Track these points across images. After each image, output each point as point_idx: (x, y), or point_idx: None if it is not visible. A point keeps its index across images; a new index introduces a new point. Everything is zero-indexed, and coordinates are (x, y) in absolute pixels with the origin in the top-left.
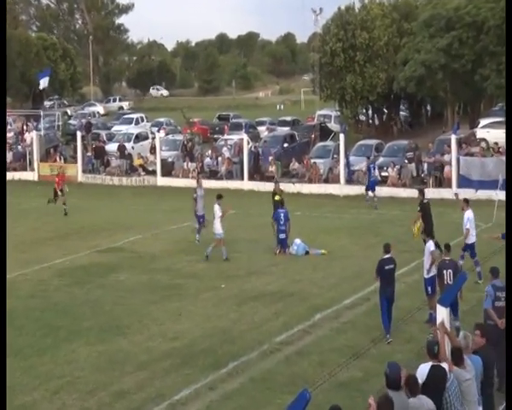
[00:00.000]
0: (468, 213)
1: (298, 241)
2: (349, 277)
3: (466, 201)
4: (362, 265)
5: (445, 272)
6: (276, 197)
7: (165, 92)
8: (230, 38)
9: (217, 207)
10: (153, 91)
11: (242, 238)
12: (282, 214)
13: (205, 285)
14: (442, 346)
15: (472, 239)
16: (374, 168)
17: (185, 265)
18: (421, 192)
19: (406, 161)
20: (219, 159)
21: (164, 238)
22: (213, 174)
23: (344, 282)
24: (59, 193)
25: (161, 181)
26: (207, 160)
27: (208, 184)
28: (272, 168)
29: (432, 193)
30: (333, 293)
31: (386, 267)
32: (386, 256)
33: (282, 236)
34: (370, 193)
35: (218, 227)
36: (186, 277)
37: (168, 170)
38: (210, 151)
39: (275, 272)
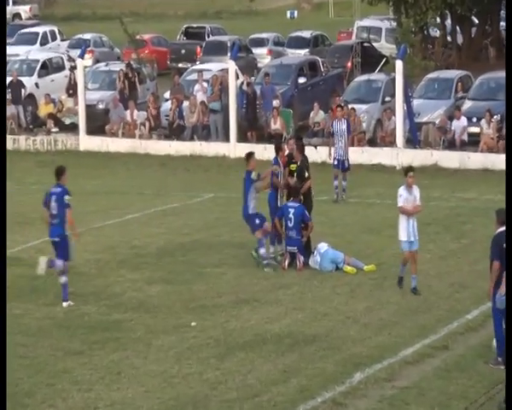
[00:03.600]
0: None
1: (323, 246)
2: (411, 309)
3: None
4: (434, 288)
5: None
6: (292, 166)
7: None
8: None
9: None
10: None
11: (226, 242)
12: (292, 211)
13: (162, 323)
14: None
15: None
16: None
17: (128, 287)
18: None
19: None
20: (186, 105)
21: (91, 242)
22: (177, 131)
23: (402, 317)
24: None
25: (86, 143)
26: (166, 106)
27: (166, 148)
28: (278, 122)
29: None
30: (383, 337)
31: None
32: (502, 230)
33: (294, 238)
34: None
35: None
36: (130, 308)
37: (98, 124)
38: (170, 92)
39: (282, 300)
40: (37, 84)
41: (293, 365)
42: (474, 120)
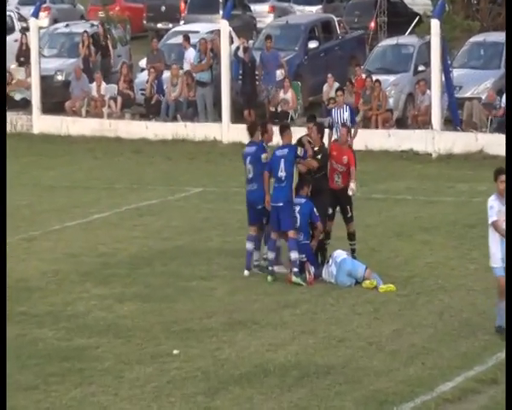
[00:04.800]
0: None
1: (340, 254)
2: (451, 333)
3: None
4: (479, 307)
5: None
6: (314, 162)
7: None
8: None
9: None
10: None
11: (217, 249)
12: (298, 209)
13: (137, 351)
14: None
15: None
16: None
17: (94, 305)
18: None
19: None
20: (167, 76)
21: (47, 249)
22: (155, 109)
23: (440, 344)
24: None
25: (42, 124)
26: (141, 77)
27: (142, 131)
28: (290, 94)
29: None
30: (415, 368)
31: None
32: None
33: (302, 242)
34: None
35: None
36: (97, 332)
37: (57, 100)
38: (147, 59)
39: (288, 322)
40: None
41: (302, 403)
42: None
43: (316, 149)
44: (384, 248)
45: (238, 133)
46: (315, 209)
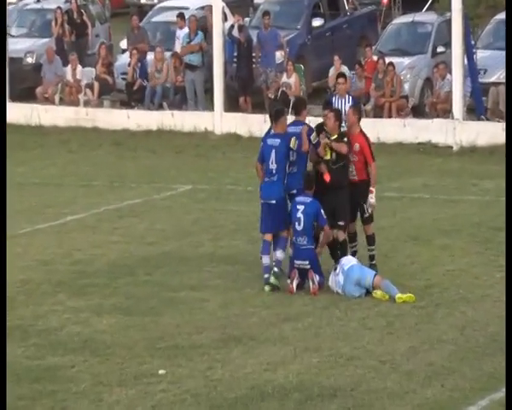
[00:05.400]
0: None
1: (349, 261)
2: (474, 350)
3: None
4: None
5: None
6: (327, 155)
7: None
8: None
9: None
10: None
11: (208, 255)
12: (301, 209)
13: (117, 371)
14: None
15: None
16: None
17: (68, 319)
18: None
19: None
20: (151, 58)
21: (16, 255)
22: (138, 96)
23: (461, 362)
24: None
25: (9, 113)
26: (122, 60)
27: (123, 120)
28: (293, 78)
29: None
30: (434, 390)
31: None
32: None
33: (305, 247)
34: None
35: None
36: (71, 349)
37: (26, 86)
38: (127, 40)
39: (289, 338)
40: None
41: None
42: None
43: (333, 138)
44: (398, 253)
45: (232, 123)
46: (322, 211)
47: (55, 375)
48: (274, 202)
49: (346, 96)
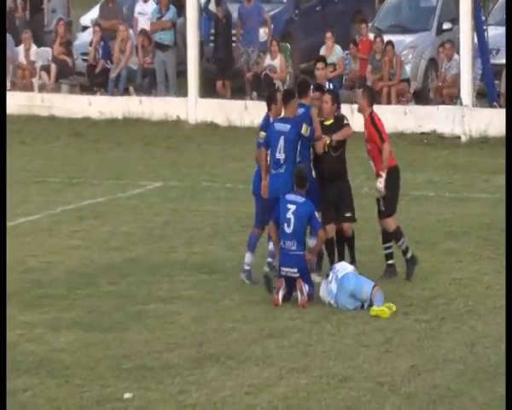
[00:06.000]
0: None
1: (344, 268)
2: (484, 370)
3: None
4: None
5: None
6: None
7: None
8: None
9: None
10: None
11: (181, 262)
12: (292, 209)
13: (77, 394)
14: None
15: None
16: None
17: (21, 335)
18: None
19: None
20: (115, 42)
21: None
22: (101, 80)
23: (470, 384)
24: None
25: None
26: (83, 39)
27: (83, 108)
28: (278, 59)
29: None
30: None
31: None
32: None
33: (294, 253)
34: None
35: None
36: (25, 370)
37: None
38: (99, 15)
39: (273, 356)
40: None
41: None
42: None
43: (328, 123)
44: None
45: (208, 111)
46: (316, 213)
47: (7, 399)
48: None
49: (326, 83)
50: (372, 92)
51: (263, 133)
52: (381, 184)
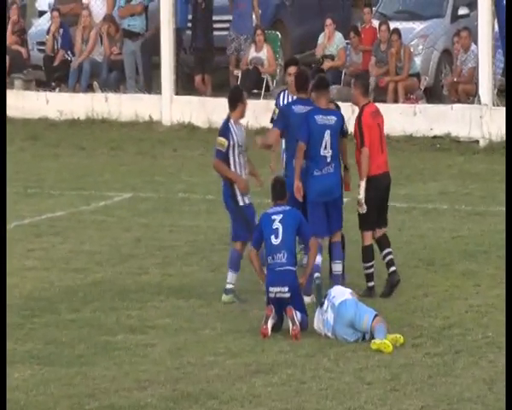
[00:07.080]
0: None
1: (342, 293)
2: None
3: None
4: None
5: None
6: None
7: None
8: None
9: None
10: None
11: (154, 285)
12: (278, 219)
13: None
14: None
15: None
16: None
17: None
18: None
19: None
20: (76, 29)
21: None
22: (61, 74)
23: None
24: None
25: None
26: (39, 26)
27: (40, 106)
28: (265, 50)
29: None
30: None
31: None
32: None
33: (284, 269)
34: None
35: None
36: None
37: None
38: (46, 3)
39: (261, 396)
40: None
41: None
42: None
43: None
44: (407, 283)
45: (186, 110)
46: (304, 219)
47: None
48: (338, 195)
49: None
50: (365, 80)
51: (223, 140)
52: (359, 195)
